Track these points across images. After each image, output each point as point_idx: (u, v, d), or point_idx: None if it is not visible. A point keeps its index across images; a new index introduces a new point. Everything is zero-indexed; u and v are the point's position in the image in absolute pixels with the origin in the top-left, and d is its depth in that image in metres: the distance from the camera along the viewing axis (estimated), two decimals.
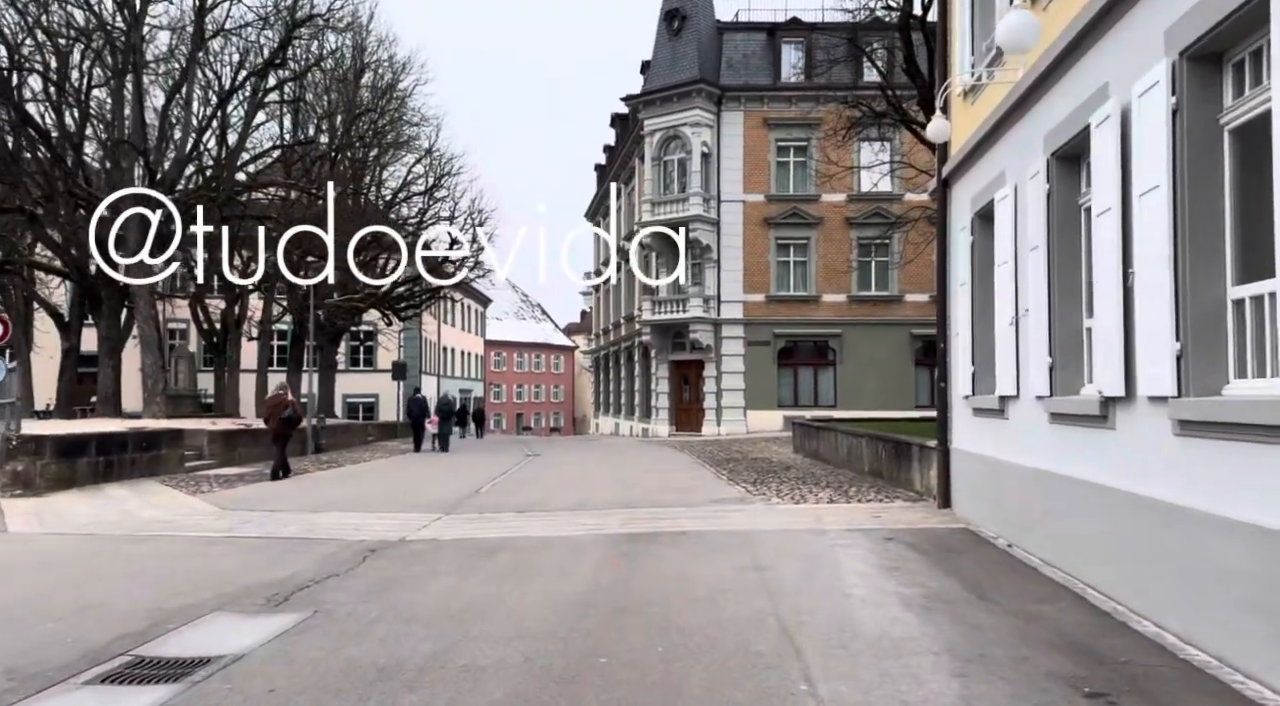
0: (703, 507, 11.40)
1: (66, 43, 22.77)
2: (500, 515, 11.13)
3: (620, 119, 43.09)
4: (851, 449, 15.42)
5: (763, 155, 31.99)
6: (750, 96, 31.90)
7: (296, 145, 27.40)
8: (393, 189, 33.88)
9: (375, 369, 50.20)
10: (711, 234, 31.75)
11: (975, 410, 9.38)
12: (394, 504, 12.56)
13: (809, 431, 19.37)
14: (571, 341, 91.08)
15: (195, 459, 17.61)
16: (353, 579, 7.39)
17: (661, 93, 31.86)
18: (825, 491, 12.70)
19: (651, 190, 32.61)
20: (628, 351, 39.90)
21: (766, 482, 14.28)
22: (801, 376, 32.34)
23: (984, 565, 7.27)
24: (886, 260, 32.05)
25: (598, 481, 15.54)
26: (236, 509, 11.70)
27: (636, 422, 37.80)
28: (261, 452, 20.09)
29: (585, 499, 12.67)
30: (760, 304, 32.05)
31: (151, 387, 21.36)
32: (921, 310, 31.86)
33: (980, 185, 9.18)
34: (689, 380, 33.44)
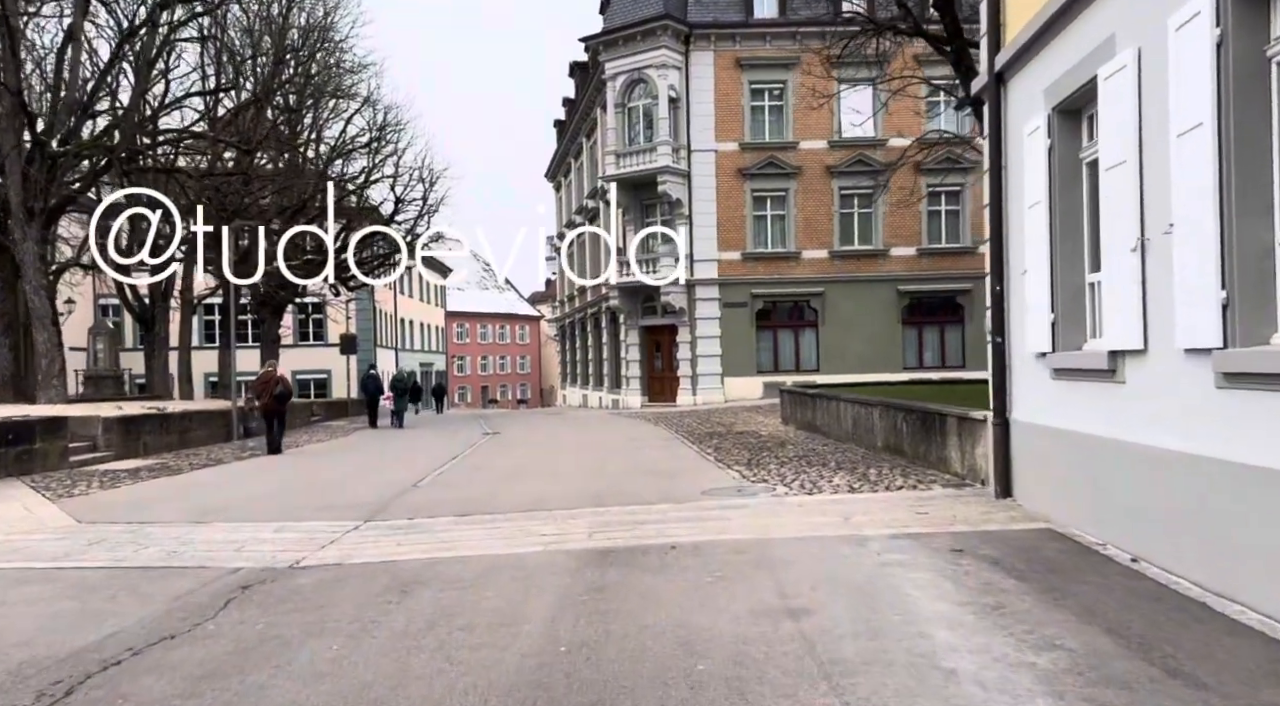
0: (693, 503, 9.05)
1: None
2: (435, 521, 8.69)
3: (580, 68, 40.09)
4: (860, 420, 13.15)
5: (736, 100, 29.38)
6: (721, 34, 29.20)
7: (214, 92, 24.26)
8: (330, 144, 30.75)
9: (326, 343, 47.17)
10: (682, 187, 29.20)
11: (1057, 371, 7.07)
12: (306, 505, 10.07)
13: (802, 400, 17.10)
14: (537, 311, 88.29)
15: (87, 450, 14.91)
16: (192, 647, 4.93)
17: (623, 31, 29.04)
18: (840, 475, 10.39)
19: (615, 141, 29.90)
20: (594, 318, 37.37)
21: (763, 463, 11.96)
22: (781, 340, 30.08)
23: (1123, 599, 4.97)
24: (870, 212, 29.75)
25: (561, 467, 13.13)
26: (98, 520, 9.12)
27: (606, 394, 35.41)
28: (173, 441, 17.44)
29: (544, 493, 10.26)
30: (736, 262, 29.66)
31: (46, 368, 18.49)
32: (908, 265, 29.77)
33: (1063, 67, 6.79)
34: (661, 347, 31.06)
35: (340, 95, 29.85)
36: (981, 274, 29.18)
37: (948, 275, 29.67)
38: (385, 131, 30.86)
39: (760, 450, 13.76)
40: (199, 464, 15.06)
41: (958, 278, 29.67)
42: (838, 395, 14.49)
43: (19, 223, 18.03)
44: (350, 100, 30.35)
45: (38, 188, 17.92)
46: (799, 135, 29.40)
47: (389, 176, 31.14)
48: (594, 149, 35.77)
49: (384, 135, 30.79)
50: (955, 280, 29.68)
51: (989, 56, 8.18)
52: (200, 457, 16.13)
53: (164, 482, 12.49)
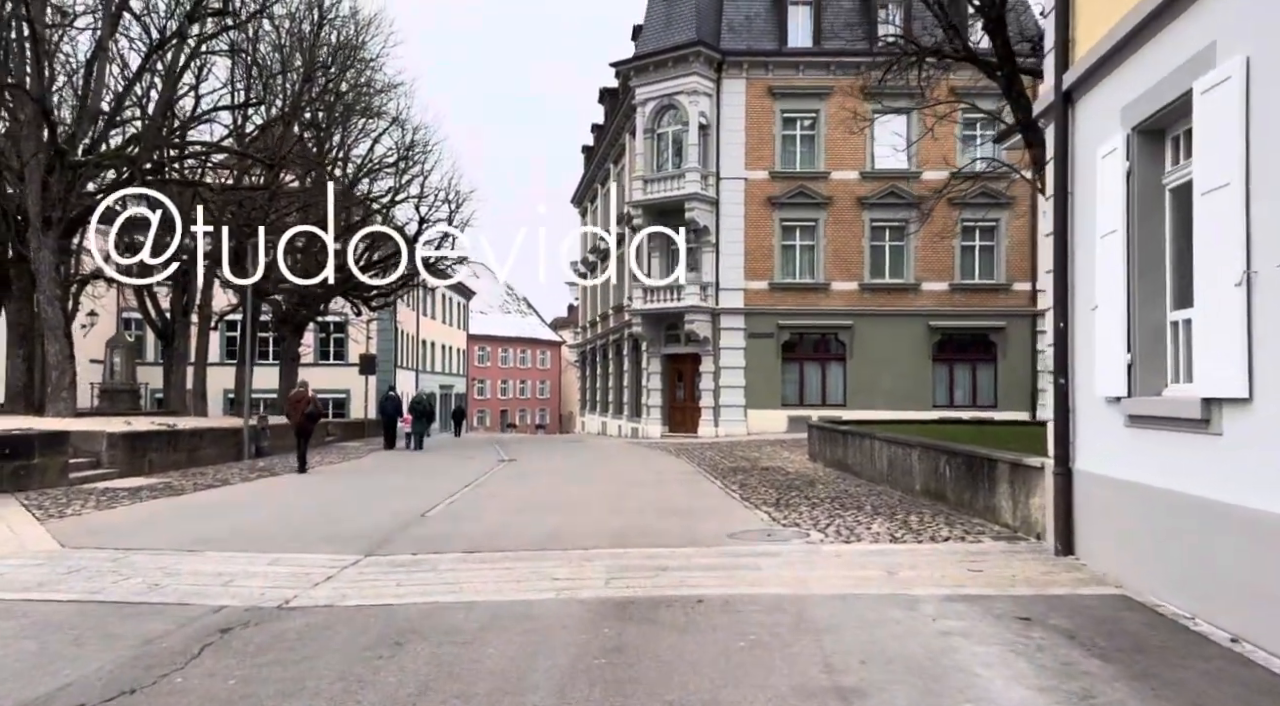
0: (719, 547, 8.35)
1: None
2: (440, 558, 8.04)
3: (610, 94, 39.93)
4: (897, 461, 12.39)
5: (767, 128, 28.91)
6: (754, 62, 28.81)
7: (242, 107, 24.09)
8: (357, 163, 30.56)
9: (346, 362, 46.90)
10: (710, 214, 28.68)
11: (1133, 418, 6.35)
12: (306, 534, 9.47)
13: (832, 436, 16.35)
14: (558, 336, 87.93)
15: (89, 467, 14.42)
16: (148, 703, 4.31)
17: (655, 57, 28.73)
18: (878, 521, 9.65)
19: (644, 166, 29.48)
20: (616, 344, 36.80)
21: (792, 504, 11.24)
22: (808, 372, 29.32)
23: (1237, 694, 4.23)
24: (902, 245, 29.06)
25: (578, 499, 12.47)
26: (84, 545, 8.55)
27: (626, 422, 34.73)
28: (180, 459, 16.96)
29: (559, 529, 9.60)
30: (763, 292, 29.02)
31: (57, 381, 18.09)
32: (940, 300, 29.00)
33: (1146, 83, 6.15)
34: (684, 376, 30.40)
35: (369, 114, 29.71)
36: (1016, 312, 28.36)
37: (981, 312, 28.87)
38: (413, 151, 30.67)
39: (788, 489, 13.03)
40: (204, 484, 14.53)
41: (991, 314, 28.86)
42: (872, 433, 13.75)
43: (36, 232, 17.75)
44: (378, 119, 30.22)
45: (56, 197, 17.63)
46: (831, 165, 28.84)
47: (414, 197, 30.87)
48: (621, 175, 35.42)
49: (411, 155, 30.59)
50: (988, 317, 28.87)
51: (1055, 74, 7.54)
52: (206, 477, 15.60)
53: (163, 504, 11.94)
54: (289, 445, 23.42)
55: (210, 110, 23.96)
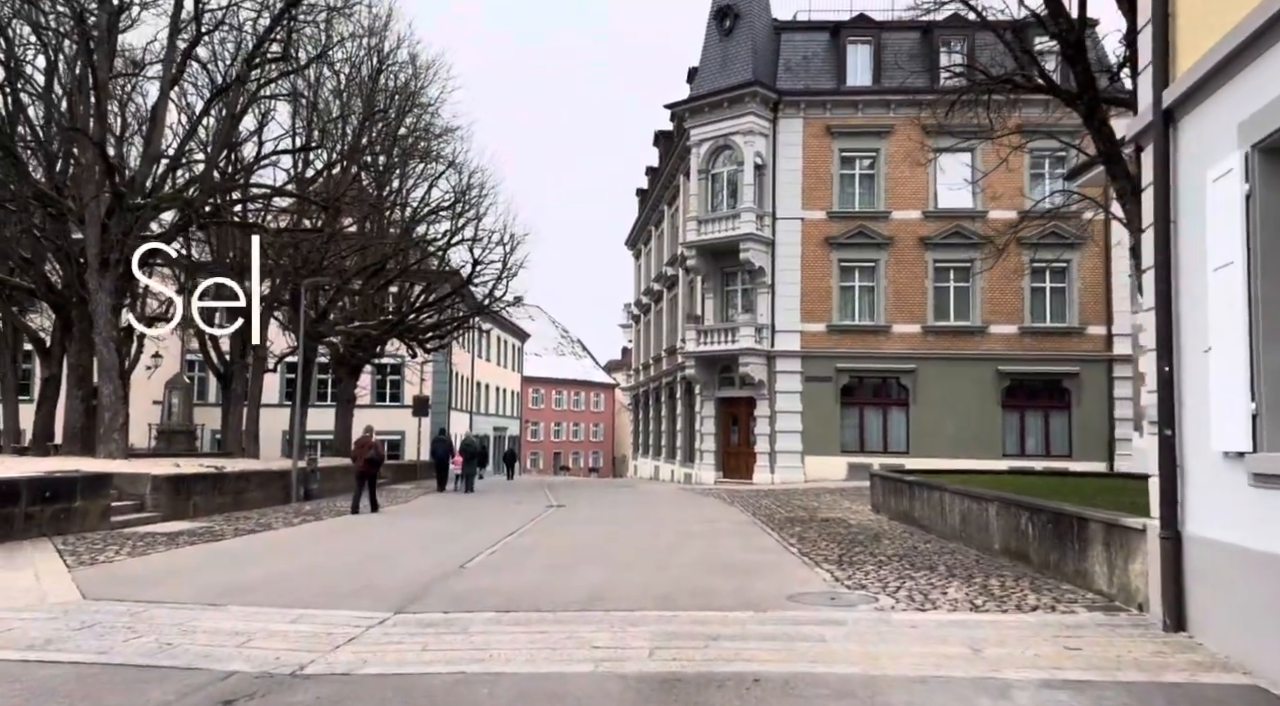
0: (777, 613, 7.57)
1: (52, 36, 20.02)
2: (473, 618, 7.42)
3: (664, 136, 39.86)
4: (972, 516, 11.45)
5: (825, 167, 28.32)
6: (811, 102, 28.34)
7: (301, 150, 24.37)
8: (414, 207, 30.77)
9: (401, 404, 47.03)
10: (765, 255, 28.06)
11: (1259, 477, 5.49)
12: (338, 586, 8.94)
13: (897, 487, 15.40)
14: (612, 378, 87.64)
15: (132, 510, 14.20)
16: None
17: (710, 98, 28.46)
18: (955, 585, 8.76)
19: (698, 206, 29.07)
20: (669, 387, 36.15)
21: (857, 562, 10.38)
22: (868, 418, 28.26)
23: None
24: (967, 286, 28.01)
25: (626, 552, 11.77)
26: (105, 597, 8.13)
27: (679, 466, 33.92)
28: (225, 503, 16.71)
29: (603, 586, 8.92)
30: (821, 334, 28.17)
31: (109, 422, 18.10)
32: (1009, 344, 27.79)
33: (1269, 93, 5.41)
34: (738, 420, 29.56)
35: (427, 158, 29.94)
36: (1091, 356, 26.99)
37: (1052, 357, 27.57)
38: (469, 194, 30.79)
39: (852, 544, 12.15)
40: (245, 529, 14.19)
41: (1063, 359, 27.55)
42: (942, 485, 12.81)
43: (94, 273, 17.92)
44: (436, 163, 30.45)
45: (114, 239, 17.81)
46: (892, 204, 28.08)
47: (468, 240, 30.92)
48: (675, 216, 35.11)
49: (467, 198, 30.70)
50: (1061, 362, 27.55)
51: (1154, 92, 6.81)
52: (249, 522, 15.29)
53: (199, 551, 11.57)
54: (338, 488, 23.23)
55: (270, 154, 24.33)
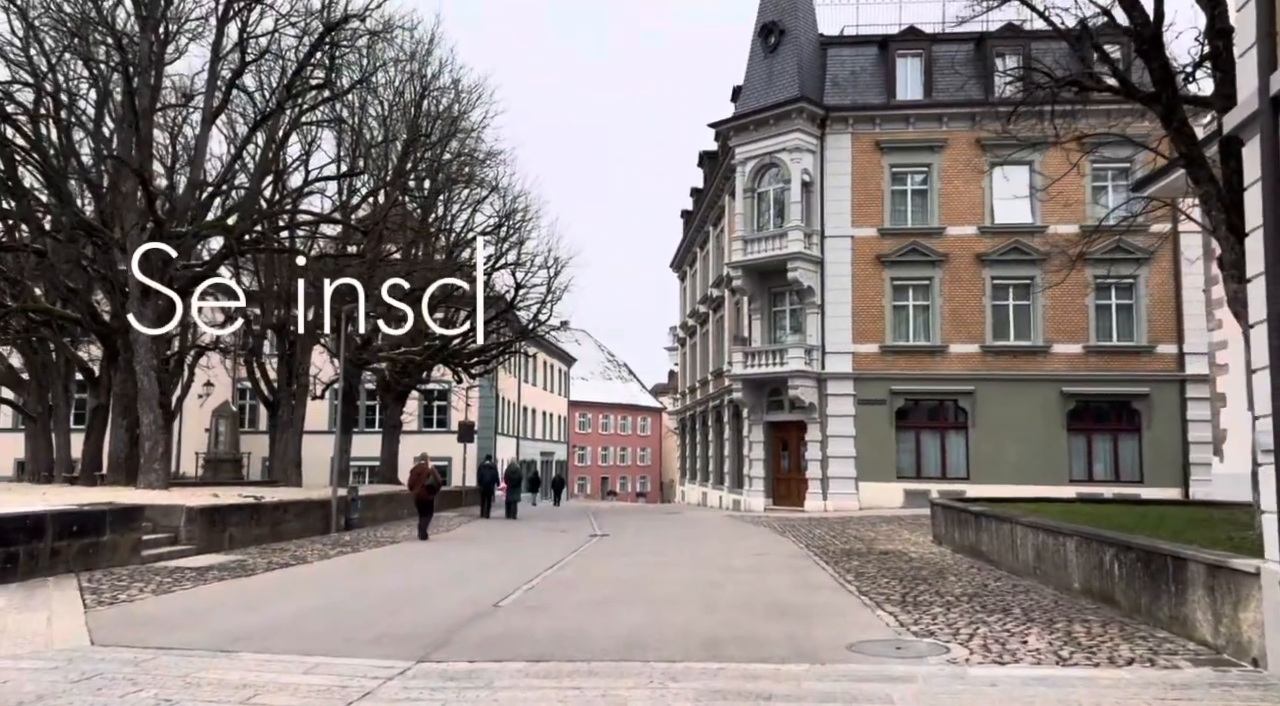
0: (837, 666, 6.78)
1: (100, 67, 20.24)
2: (501, 669, 6.76)
3: (709, 157, 39.35)
4: (1047, 552, 10.50)
5: (875, 183, 27.47)
6: (860, 117, 27.56)
7: (345, 176, 24.31)
8: (457, 231, 30.61)
9: (447, 430, 46.85)
10: (814, 274, 27.23)
11: None
12: (362, 628, 8.36)
13: (962, 518, 14.43)
14: (659, 402, 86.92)
15: (165, 543, 13.87)
16: None
17: (756, 115, 27.84)
18: (1034, 632, 7.87)
19: (744, 226, 28.38)
20: (716, 411, 35.32)
21: (922, 603, 9.52)
22: (925, 442, 27.11)
23: None
24: (1028, 304, 26.84)
25: (669, 588, 11.04)
26: (116, 642, 7.64)
27: (727, 493, 33.00)
28: (263, 534, 16.35)
29: (643, 630, 8.21)
30: (873, 356, 27.19)
31: (150, 452, 17.95)
32: (1073, 363, 26.52)
33: None
34: (788, 445, 28.61)
35: (471, 182, 29.77)
36: (1162, 376, 25.56)
37: (1120, 377, 26.21)
38: (512, 218, 30.56)
39: (914, 581, 11.26)
40: (278, 562, 13.76)
41: (1132, 380, 26.16)
42: (1013, 516, 11.84)
43: (135, 302, 17.86)
44: (480, 188, 30.29)
45: (155, 268, 17.73)
46: (946, 220, 27.09)
47: (511, 264, 30.62)
48: (720, 237, 34.47)
49: (511, 222, 30.47)
50: (1129, 382, 26.17)
51: (1260, 77, 6.01)
52: (284, 554, 14.88)
53: (225, 588, 11.12)
54: (380, 516, 22.90)
55: (313, 181, 24.27)
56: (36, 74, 19.99)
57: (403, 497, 25.79)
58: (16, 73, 19.79)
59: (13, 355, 30.28)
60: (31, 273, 21.62)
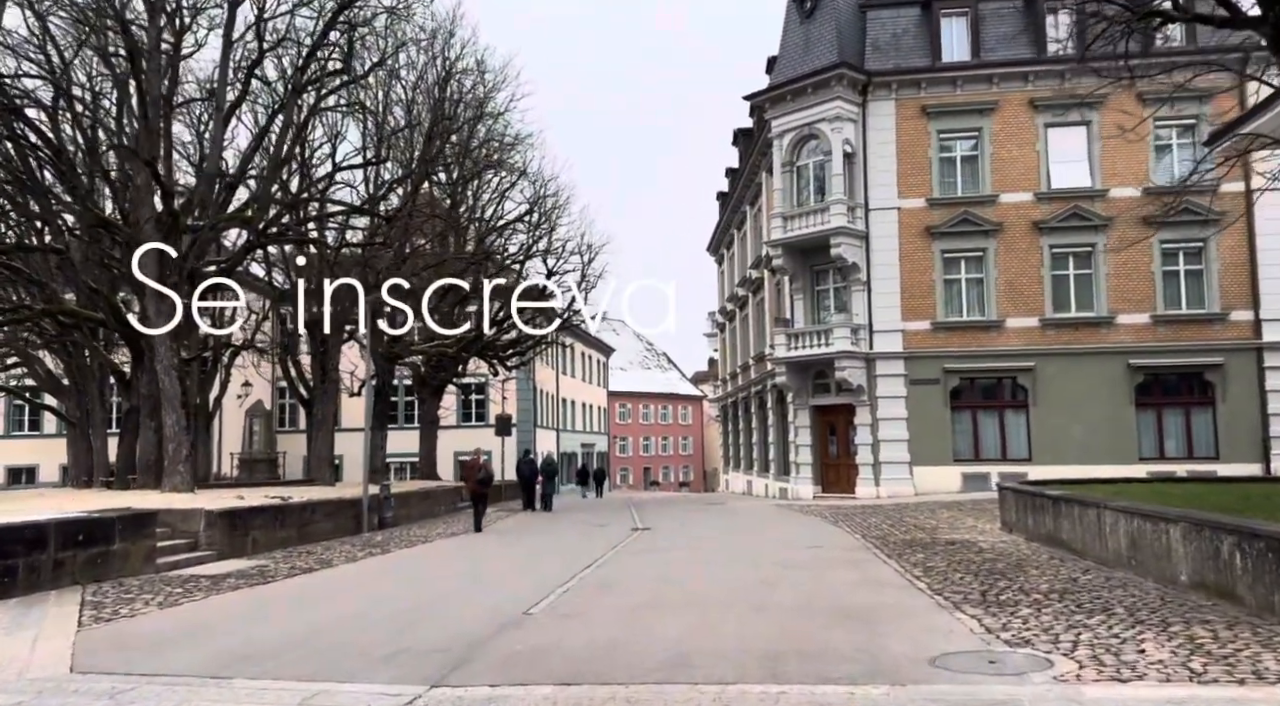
0: (922, 687, 5.69)
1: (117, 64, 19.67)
2: (527, 695, 5.80)
3: (744, 134, 38.06)
4: (1144, 540, 9.27)
5: (922, 151, 26.01)
6: (904, 81, 26.10)
7: (367, 165, 23.55)
8: (486, 220, 29.75)
9: (486, 424, 46.22)
10: (859, 250, 25.90)
11: None
12: (376, 644, 7.46)
13: (1036, 503, 13.18)
14: (699, 390, 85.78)
15: (184, 549, 13.18)
16: None
17: (793, 85, 26.51)
18: (1149, 636, 6.70)
19: (783, 202, 27.12)
20: (759, 397, 34.13)
21: (1007, 602, 8.38)
22: (982, 423, 25.68)
23: None
24: (1089, 273, 25.26)
25: (717, 590, 10.00)
26: (98, 668, 6.80)
27: (773, 481, 31.84)
28: (289, 536, 15.65)
29: (691, 639, 7.20)
30: (924, 333, 25.82)
31: (174, 454, 17.35)
32: (1140, 334, 24.93)
33: None
34: (836, 429, 27.36)
35: (499, 168, 28.89)
36: (1237, 345, 23.81)
37: (1191, 347, 24.54)
38: (542, 204, 29.64)
39: (991, 576, 10.10)
40: (302, 567, 13.00)
41: (1204, 349, 24.49)
42: (1100, 500, 10.59)
43: (152, 298, 17.24)
44: (508, 173, 29.39)
45: (172, 261, 17.09)
46: (998, 187, 25.58)
47: (542, 251, 29.72)
48: (758, 216, 33.22)
49: (541, 208, 29.55)
50: (1201, 353, 24.50)
51: None
52: (310, 558, 14.14)
53: (239, 597, 10.33)
54: (414, 514, 22.19)
55: (336, 170, 23.52)
56: (54, 71, 19.51)
57: (439, 494, 25.14)
58: (32, 69, 19.30)
59: (50, 360, 30.14)
60: (54, 274, 21.17)
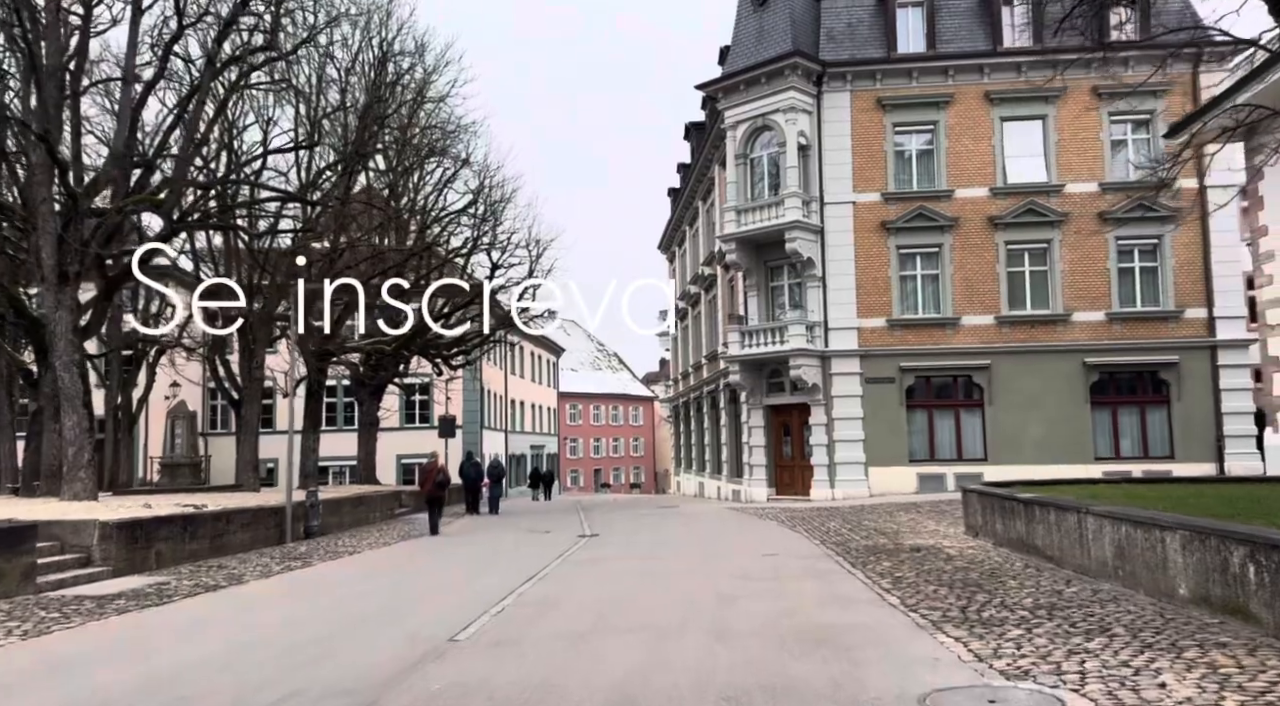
0: None
1: None
2: None
3: (695, 128, 37.22)
4: (1132, 548, 8.48)
5: (877, 144, 25.37)
6: (859, 72, 25.43)
7: (295, 148, 22.07)
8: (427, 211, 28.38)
9: (430, 425, 44.73)
10: (814, 245, 25.16)
11: None
12: (261, 686, 6.26)
13: (1005, 507, 12.41)
14: (650, 391, 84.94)
15: (74, 566, 11.76)
16: None
17: (746, 74, 25.67)
18: (1164, 663, 5.83)
19: (736, 195, 26.26)
20: (711, 396, 33.28)
21: (991, 620, 7.50)
22: (938, 422, 25.11)
23: None
24: (1045, 270, 24.87)
25: (670, 608, 8.97)
26: None
27: (725, 483, 31.01)
28: (201, 549, 14.25)
29: (639, 674, 6.15)
30: (880, 331, 25.18)
31: (74, 458, 15.73)
32: (1096, 332, 24.59)
33: None
34: (790, 429, 26.60)
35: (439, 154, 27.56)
36: (1191, 343, 23.39)
37: (1146, 345, 24.27)
38: (487, 194, 28.35)
39: (966, 587, 9.25)
40: (207, 585, 11.67)
41: (1159, 348, 24.23)
42: (1081, 504, 9.79)
43: (51, 288, 15.66)
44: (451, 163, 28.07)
45: (73, 249, 15.54)
46: (954, 182, 25.05)
47: (486, 245, 28.46)
48: (710, 211, 32.37)
49: (484, 198, 28.25)
50: (1156, 351, 24.24)
51: None
52: (220, 573, 12.79)
53: (118, 624, 9.02)
54: (346, 522, 20.78)
55: (264, 155, 22.02)
56: None
57: (374, 500, 23.76)
58: None
59: None
60: None
